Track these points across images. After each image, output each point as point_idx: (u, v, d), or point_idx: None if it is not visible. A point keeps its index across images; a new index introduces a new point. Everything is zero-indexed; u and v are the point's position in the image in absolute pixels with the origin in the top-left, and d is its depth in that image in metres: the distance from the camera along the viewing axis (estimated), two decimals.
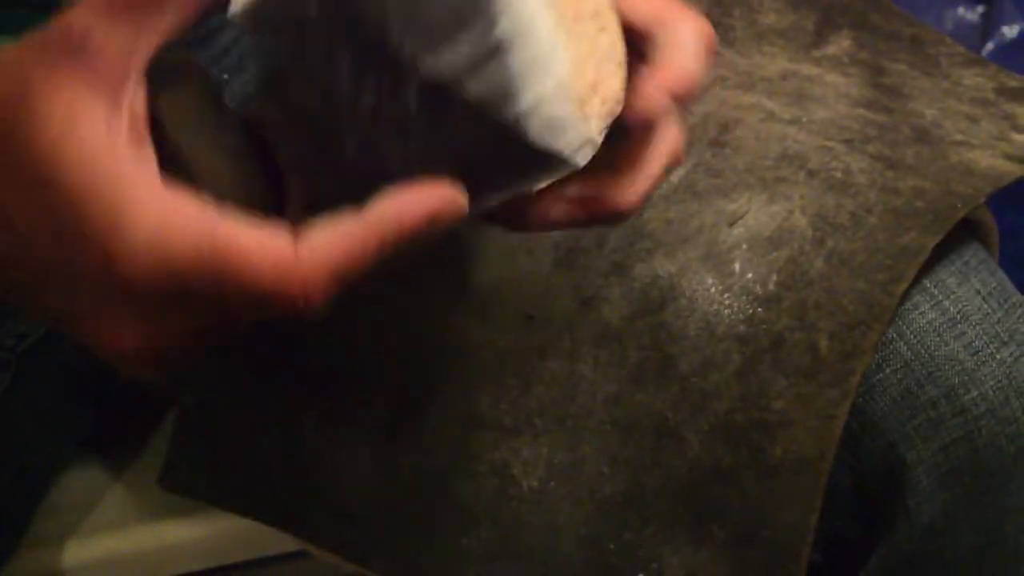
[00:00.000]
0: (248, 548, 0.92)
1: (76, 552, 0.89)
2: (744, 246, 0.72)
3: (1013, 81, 0.81)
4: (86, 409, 0.87)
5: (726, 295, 0.71)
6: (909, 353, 0.73)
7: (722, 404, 0.70)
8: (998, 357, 0.74)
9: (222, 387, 0.77)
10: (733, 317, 0.71)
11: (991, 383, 0.73)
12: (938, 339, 0.73)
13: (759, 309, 0.71)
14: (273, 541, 0.88)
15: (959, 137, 0.75)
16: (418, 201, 0.53)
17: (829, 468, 0.70)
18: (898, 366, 0.73)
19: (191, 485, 0.78)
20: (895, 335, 0.73)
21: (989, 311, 0.75)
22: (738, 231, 0.72)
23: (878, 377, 0.73)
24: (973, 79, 0.80)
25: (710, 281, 0.71)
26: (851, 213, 0.72)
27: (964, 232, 0.76)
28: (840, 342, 0.70)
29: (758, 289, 0.71)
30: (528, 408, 0.72)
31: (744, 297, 0.71)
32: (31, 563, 0.87)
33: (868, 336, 0.70)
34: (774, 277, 0.71)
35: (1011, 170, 0.74)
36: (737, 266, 0.71)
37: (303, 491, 0.75)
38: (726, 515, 0.70)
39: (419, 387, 0.73)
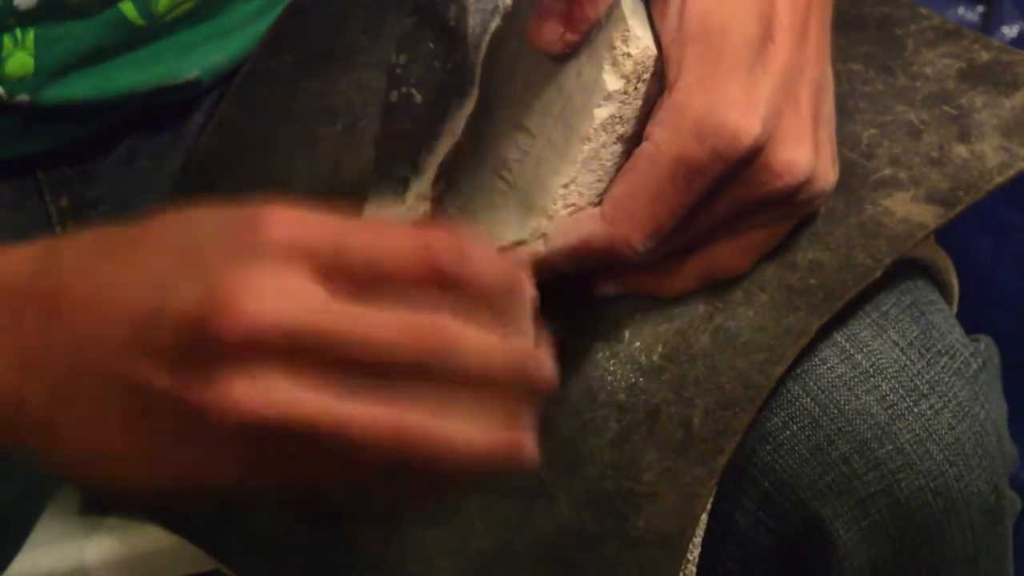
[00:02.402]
0: None
1: (76, 552, 0.90)
2: (637, 315, 0.72)
3: (986, 52, 0.78)
4: None
5: (612, 361, 0.72)
6: (817, 409, 0.73)
7: (595, 470, 0.70)
8: (915, 410, 0.73)
9: None
10: (615, 384, 0.71)
11: (907, 436, 0.72)
12: (848, 393, 0.73)
13: (641, 379, 0.71)
14: None
15: (887, 172, 0.74)
16: None
17: (689, 546, 0.70)
18: (805, 423, 0.73)
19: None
20: (801, 391, 0.73)
21: (907, 363, 0.74)
22: (633, 300, 0.72)
23: (785, 434, 0.73)
24: (940, 62, 0.77)
25: (598, 346, 0.72)
26: (744, 290, 0.71)
27: (893, 276, 0.75)
28: (713, 420, 0.69)
29: (643, 359, 0.71)
30: None
31: (628, 365, 0.71)
32: (32, 563, 0.89)
33: (740, 417, 0.69)
34: (659, 348, 0.71)
35: (923, 222, 0.72)
36: (627, 334, 0.72)
37: (218, 512, 0.78)
38: None
39: None
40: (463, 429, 0.53)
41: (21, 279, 0.55)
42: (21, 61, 0.77)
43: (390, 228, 0.54)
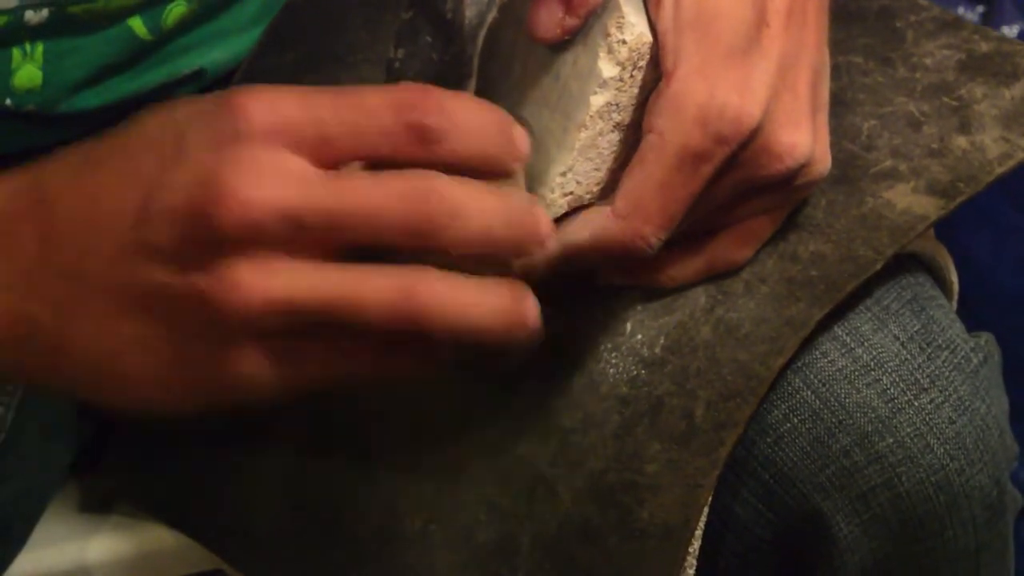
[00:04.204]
0: None
1: (77, 552, 0.90)
2: (638, 307, 0.72)
3: (985, 43, 0.78)
4: (89, 423, 0.91)
5: (614, 354, 0.71)
6: (817, 402, 0.73)
7: (597, 463, 0.70)
8: (916, 404, 0.73)
9: None
10: (617, 377, 0.71)
11: (908, 430, 0.72)
12: (849, 386, 0.73)
13: (643, 371, 0.71)
14: None
15: (888, 164, 0.74)
16: None
17: (692, 537, 0.70)
18: (806, 416, 0.73)
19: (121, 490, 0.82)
20: (801, 384, 0.73)
21: (908, 356, 0.74)
22: (635, 292, 0.72)
23: (786, 427, 0.73)
24: (939, 53, 0.78)
25: (600, 339, 0.72)
26: (745, 282, 0.71)
27: (894, 271, 0.75)
28: (715, 412, 0.69)
29: (645, 352, 0.71)
30: (417, 446, 0.73)
31: (630, 358, 0.71)
32: (33, 563, 0.88)
33: (742, 408, 0.69)
34: (662, 341, 0.71)
35: (924, 214, 0.72)
36: (629, 326, 0.72)
37: (217, 505, 0.78)
38: (591, 574, 0.70)
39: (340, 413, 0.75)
40: (474, 295, 0.52)
41: (10, 204, 0.55)
42: (29, 74, 0.77)
43: (367, 93, 0.53)
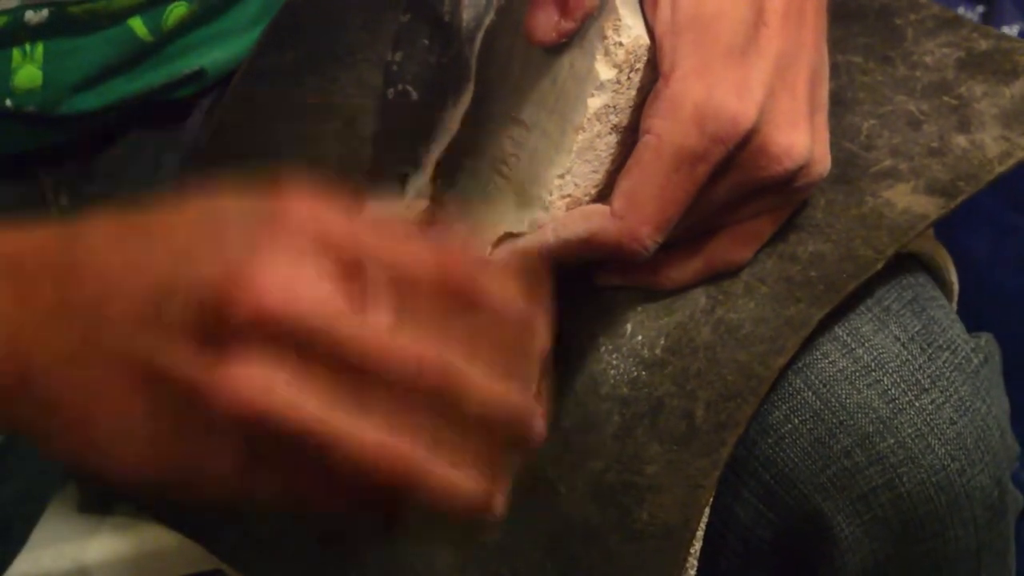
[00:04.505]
0: None
1: (77, 552, 0.90)
2: (639, 308, 0.72)
3: (985, 41, 0.78)
4: None
5: (614, 355, 0.71)
6: (818, 403, 0.73)
7: (598, 463, 0.70)
8: (917, 404, 0.73)
9: None
10: (618, 378, 0.71)
11: (909, 430, 0.72)
12: (850, 387, 0.73)
13: (643, 372, 0.71)
14: None
15: (887, 163, 0.74)
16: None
17: (693, 537, 0.70)
18: (807, 416, 0.73)
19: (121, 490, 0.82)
20: (802, 385, 0.73)
21: (908, 357, 0.74)
22: (635, 294, 0.72)
23: (787, 428, 0.73)
24: (938, 51, 0.78)
25: (601, 340, 0.72)
26: (745, 282, 0.71)
27: (894, 271, 0.75)
28: (715, 412, 0.69)
29: (645, 352, 0.71)
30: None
31: (631, 359, 0.71)
32: (33, 563, 0.89)
33: (743, 408, 0.69)
34: (662, 341, 0.71)
35: (924, 213, 0.72)
36: (629, 327, 0.72)
37: (216, 505, 0.78)
38: (591, 575, 0.70)
39: None
40: (450, 472, 0.53)
41: (37, 252, 0.55)
42: (30, 74, 0.77)
43: (412, 235, 0.54)
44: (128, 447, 0.53)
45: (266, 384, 0.51)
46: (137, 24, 0.79)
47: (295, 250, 0.52)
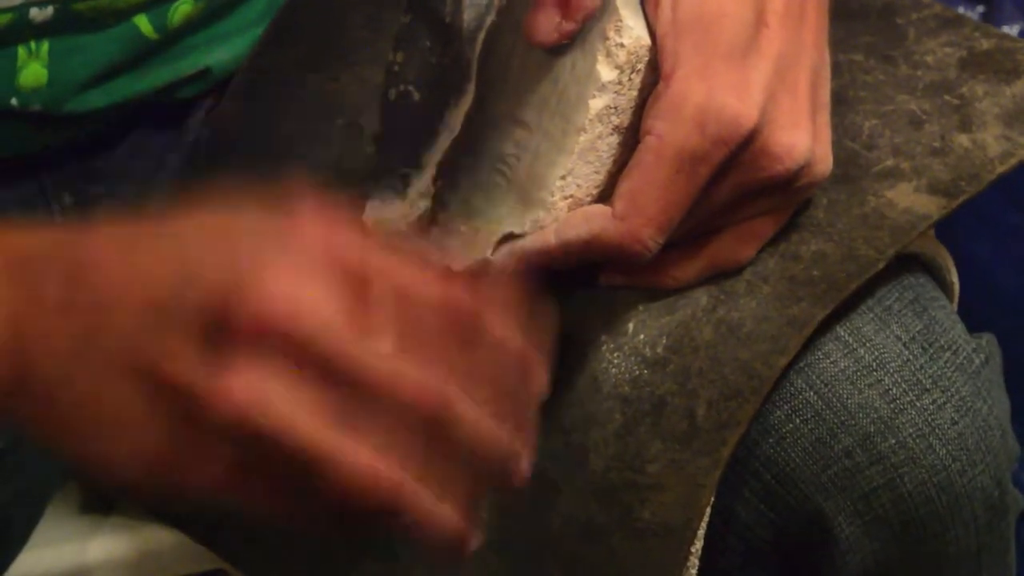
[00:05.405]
0: None
1: (76, 552, 0.90)
2: (640, 307, 0.72)
3: (987, 40, 0.78)
4: None
5: (616, 354, 0.71)
6: (820, 402, 0.73)
7: (599, 462, 0.70)
8: (918, 404, 0.73)
9: None
10: (620, 377, 0.71)
11: (910, 431, 0.72)
12: (851, 387, 0.73)
13: (645, 371, 0.71)
14: None
15: (889, 163, 0.74)
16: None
17: (694, 536, 0.69)
18: (808, 416, 0.73)
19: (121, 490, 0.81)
20: (803, 385, 0.73)
21: (910, 357, 0.74)
22: (637, 292, 0.72)
23: (788, 428, 0.73)
24: (940, 51, 0.78)
25: (603, 338, 0.72)
26: (747, 281, 0.71)
27: (896, 271, 0.75)
28: (716, 411, 0.69)
29: (647, 351, 0.71)
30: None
31: (632, 358, 0.71)
32: (34, 563, 0.88)
33: (744, 408, 0.69)
34: (664, 340, 0.71)
35: (926, 213, 0.72)
36: (631, 326, 0.72)
37: (217, 505, 0.78)
38: (593, 573, 0.70)
39: None
40: (435, 504, 0.53)
41: (45, 251, 0.55)
42: (35, 72, 0.77)
43: (422, 261, 0.55)
44: (122, 446, 0.53)
45: (263, 396, 0.51)
46: (142, 22, 0.79)
47: (304, 266, 0.52)
